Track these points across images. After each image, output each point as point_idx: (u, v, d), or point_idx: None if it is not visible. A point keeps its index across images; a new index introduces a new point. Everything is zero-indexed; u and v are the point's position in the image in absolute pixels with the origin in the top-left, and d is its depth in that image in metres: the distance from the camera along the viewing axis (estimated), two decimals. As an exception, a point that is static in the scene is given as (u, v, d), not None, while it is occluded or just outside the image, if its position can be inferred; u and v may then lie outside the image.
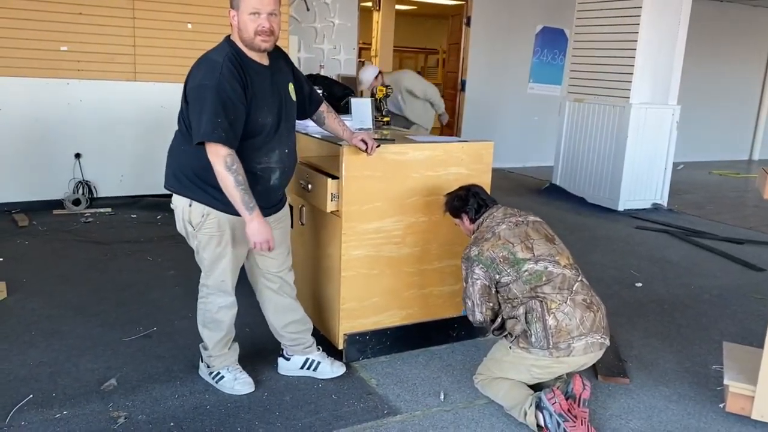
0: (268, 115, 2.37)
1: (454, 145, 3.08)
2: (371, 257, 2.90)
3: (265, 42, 2.32)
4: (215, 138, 2.21)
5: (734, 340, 3.30)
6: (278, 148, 2.44)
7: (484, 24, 8.35)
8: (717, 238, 5.51)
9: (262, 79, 2.36)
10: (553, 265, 2.52)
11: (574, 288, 2.50)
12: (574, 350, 2.42)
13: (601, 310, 2.55)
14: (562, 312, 2.43)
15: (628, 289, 4.14)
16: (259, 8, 2.27)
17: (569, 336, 2.42)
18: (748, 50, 10.64)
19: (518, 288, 2.50)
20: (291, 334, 2.75)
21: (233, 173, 2.23)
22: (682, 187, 7.76)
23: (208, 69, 2.27)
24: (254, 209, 2.29)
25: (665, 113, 6.37)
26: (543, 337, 2.42)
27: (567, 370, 2.49)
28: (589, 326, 2.45)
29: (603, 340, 2.50)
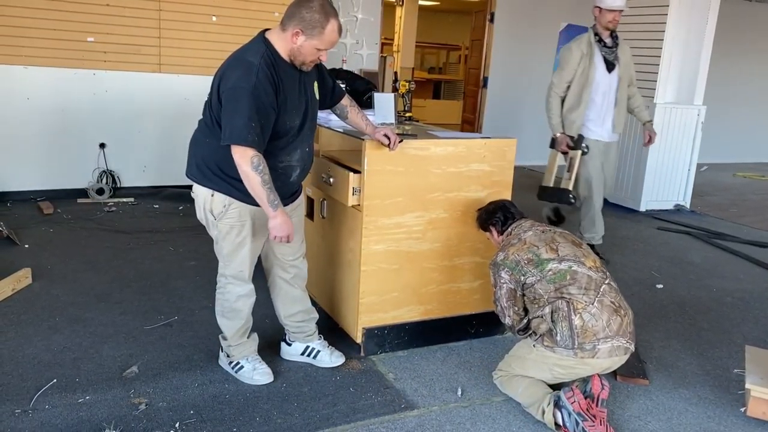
0: (296, 117, 2.40)
1: (476, 142, 3.07)
2: (391, 252, 2.91)
3: (310, 67, 2.41)
4: (247, 143, 2.23)
5: (756, 343, 3.26)
6: (300, 147, 2.48)
7: (508, 20, 8.29)
8: (740, 240, 5.44)
9: (292, 81, 2.38)
10: (578, 265, 2.52)
11: (602, 290, 2.49)
12: (599, 352, 2.41)
13: (629, 315, 2.54)
14: (589, 313, 2.42)
15: (648, 290, 4.11)
16: (328, 48, 2.34)
17: (595, 337, 2.41)
18: (775, 50, 10.45)
19: (543, 288, 2.51)
20: (295, 323, 2.81)
21: (260, 173, 2.26)
22: (706, 189, 7.66)
23: (244, 71, 2.26)
24: (278, 206, 2.33)
25: (690, 113, 6.28)
26: (569, 336, 2.42)
27: (590, 372, 2.47)
28: (615, 329, 2.44)
29: (628, 345, 2.49)
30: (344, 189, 2.80)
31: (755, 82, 10.36)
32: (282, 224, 2.35)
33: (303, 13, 2.26)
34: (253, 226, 2.48)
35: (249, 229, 2.47)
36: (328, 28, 2.28)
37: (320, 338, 2.87)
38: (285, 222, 2.36)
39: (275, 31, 2.36)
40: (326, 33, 2.29)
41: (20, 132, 5.33)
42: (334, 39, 2.32)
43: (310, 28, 2.27)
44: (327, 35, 2.29)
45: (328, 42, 2.31)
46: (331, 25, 2.29)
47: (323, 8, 2.27)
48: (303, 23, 2.27)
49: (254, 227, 2.49)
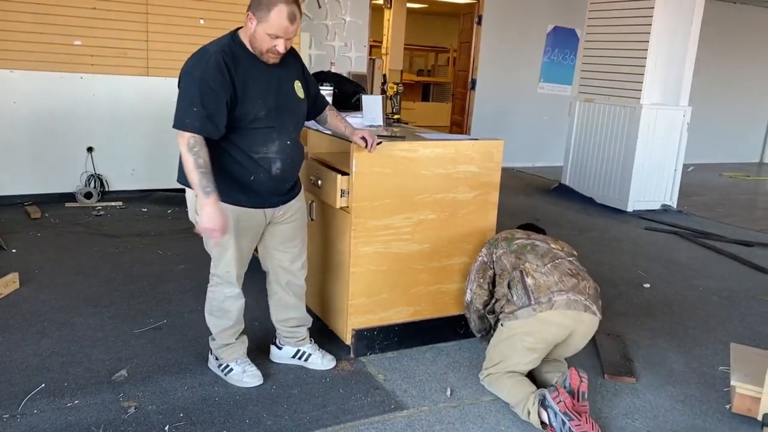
0: (261, 107, 2.38)
1: (464, 144, 3.09)
2: (380, 253, 2.92)
3: (273, 59, 2.38)
4: (185, 127, 2.25)
5: (742, 341, 3.30)
6: (278, 139, 2.44)
7: (496, 23, 8.35)
8: (726, 240, 5.50)
9: (258, 71, 2.38)
10: (543, 242, 2.77)
11: (559, 261, 2.65)
12: (555, 303, 2.51)
13: (589, 282, 2.64)
14: (540, 272, 2.60)
15: (636, 289, 4.14)
16: (281, 35, 2.30)
17: (549, 291, 2.54)
18: (760, 52, 10.57)
19: (507, 259, 2.74)
20: (288, 328, 2.81)
21: (194, 155, 2.25)
22: (692, 189, 7.73)
23: (197, 59, 2.31)
24: (211, 194, 2.27)
25: (676, 114, 6.35)
26: (524, 294, 2.57)
27: (557, 332, 2.54)
28: (570, 286, 2.55)
29: (588, 303, 2.55)
30: (333, 191, 2.81)
31: (740, 83, 10.48)
32: (211, 214, 2.26)
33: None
34: (237, 228, 2.47)
35: (232, 230, 2.47)
36: (275, 11, 2.22)
37: (311, 342, 2.87)
38: (215, 213, 2.26)
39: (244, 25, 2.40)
40: (272, 16, 2.23)
41: (7, 136, 5.30)
42: (282, 25, 2.25)
43: (259, 10, 2.26)
44: (273, 19, 2.23)
45: (276, 27, 2.25)
46: (279, 8, 2.22)
47: None
48: (255, 6, 2.28)
49: (238, 229, 2.47)
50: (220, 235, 2.33)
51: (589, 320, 2.57)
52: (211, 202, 2.27)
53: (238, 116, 2.35)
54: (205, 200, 2.27)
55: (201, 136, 2.27)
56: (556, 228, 5.48)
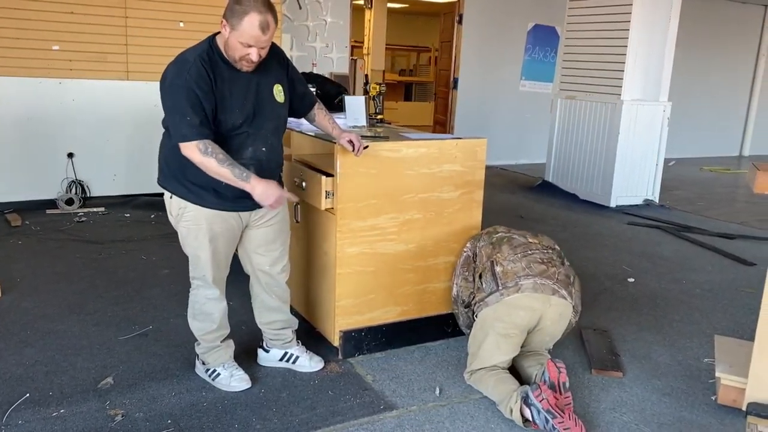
0: (239, 115, 2.36)
1: (448, 143, 3.10)
2: (366, 254, 2.91)
3: (248, 68, 2.36)
4: (187, 139, 2.25)
5: (726, 333, 3.34)
6: (252, 145, 2.42)
7: (476, 22, 8.38)
8: (708, 233, 5.56)
9: (235, 79, 2.36)
10: (521, 236, 2.84)
11: (532, 251, 2.73)
12: (522, 287, 2.59)
13: (559, 269, 2.69)
14: (508, 260, 2.69)
15: (620, 284, 4.18)
16: (253, 43, 2.28)
17: (516, 276, 2.62)
18: (737, 47, 10.72)
19: (485, 250, 2.82)
20: (273, 331, 2.81)
21: (212, 155, 2.24)
22: (674, 183, 7.81)
23: (178, 68, 2.29)
24: (249, 176, 2.28)
25: (656, 110, 6.41)
26: (492, 282, 2.67)
27: (527, 316, 2.59)
28: (537, 271, 2.63)
29: (556, 287, 2.61)
30: (317, 193, 2.80)
31: (719, 78, 10.62)
32: (264, 191, 2.29)
33: (231, 4, 2.26)
34: (210, 231, 2.45)
35: (205, 233, 2.45)
36: (246, 19, 2.21)
37: (298, 344, 2.87)
38: (266, 186, 2.29)
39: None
40: (244, 24, 2.21)
41: (-15, 143, 5.22)
42: (254, 34, 2.23)
43: (232, 17, 2.24)
44: (245, 27, 2.21)
45: (247, 36, 2.23)
46: (251, 17, 2.21)
47: (250, 0, 2.23)
48: (229, 13, 2.26)
49: (212, 232, 2.46)
50: (284, 198, 2.38)
51: (557, 303, 2.61)
52: (255, 181, 2.29)
53: (216, 123, 2.34)
54: (249, 185, 2.29)
55: (206, 139, 2.27)
56: (540, 225, 5.52)
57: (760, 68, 11.03)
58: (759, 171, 2.46)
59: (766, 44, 10.93)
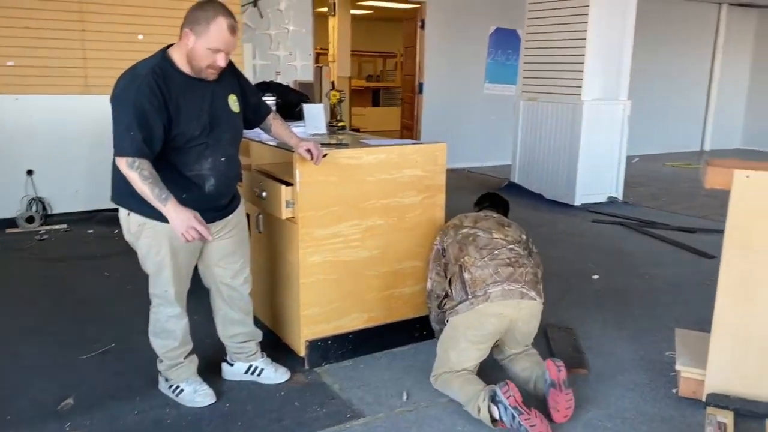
0: (196, 126, 2.35)
1: (408, 148, 3.11)
2: (330, 262, 2.91)
3: (213, 75, 2.35)
4: (125, 152, 2.22)
5: (688, 326, 3.39)
6: (211, 156, 2.41)
7: (438, 26, 8.44)
8: (670, 228, 5.67)
9: (190, 91, 2.35)
10: (486, 233, 2.80)
11: (498, 251, 2.70)
12: (491, 295, 2.57)
13: (526, 268, 2.67)
14: (476, 266, 2.66)
15: (585, 281, 4.23)
16: (222, 48, 2.27)
17: (484, 283, 2.60)
18: (694, 44, 10.98)
19: (452, 249, 2.79)
20: (236, 344, 2.78)
21: (137, 169, 2.21)
22: (637, 180, 7.95)
23: (128, 81, 2.26)
24: (168, 199, 2.22)
25: (616, 109, 6.52)
26: (461, 290, 2.64)
27: (497, 323, 2.58)
28: (505, 276, 2.61)
29: (525, 290, 2.60)
30: (277, 202, 2.79)
31: (678, 75, 10.85)
32: (178, 216, 2.20)
33: (193, 12, 2.26)
34: (172, 246, 2.42)
35: (167, 249, 2.42)
36: (214, 24, 2.22)
37: (263, 356, 2.84)
38: (181, 212, 2.21)
39: (177, 43, 2.36)
40: (212, 30, 2.22)
41: (-61, 163, 5.09)
42: (224, 37, 2.24)
43: (197, 24, 2.24)
44: (213, 32, 2.22)
45: (216, 40, 2.23)
46: (218, 22, 2.22)
47: (213, 6, 2.25)
48: (192, 22, 2.26)
49: (173, 247, 2.43)
50: (202, 229, 2.25)
51: (528, 305, 2.62)
52: (172, 206, 2.23)
53: (173, 137, 2.32)
54: (166, 208, 2.22)
55: (143, 158, 2.24)
56: (507, 226, 5.55)
57: (716, 64, 11.30)
58: (709, 167, 2.52)
59: (722, 41, 11.21)
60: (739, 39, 11.47)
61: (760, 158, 10.71)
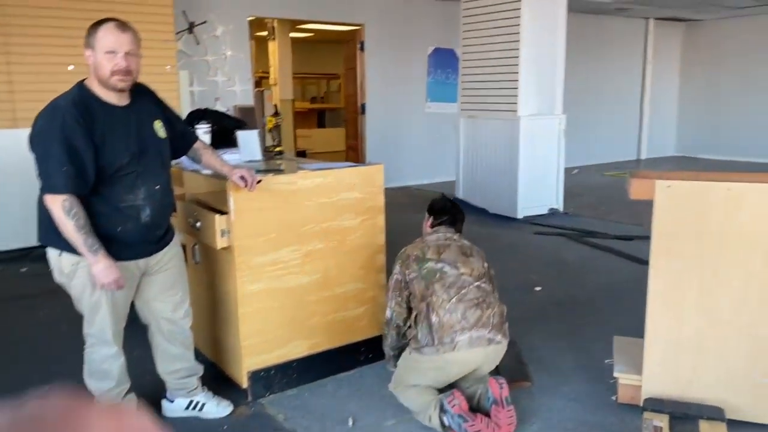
0: (124, 154, 2.31)
1: (345, 171, 3.12)
2: (270, 290, 2.87)
3: (123, 81, 2.29)
4: (56, 189, 2.17)
5: (628, 333, 3.46)
6: (144, 185, 2.37)
7: (378, 48, 8.53)
8: (609, 236, 5.83)
9: (115, 118, 2.31)
10: (452, 268, 2.68)
11: (466, 289, 2.64)
12: (458, 344, 2.55)
13: (494, 309, 2.66)
14: (444, 309, 2.59)
15: (528, 293, 4.30)
16: (115, 47, 2.23)
17: (452, 330, 2.56)
18: (626, 58, 11.42)
19: (417, 285, 2.69)
20: (176, 380, 2.71)
21: (73, 218, 2.17)
22: (577, 191, 8.16)
23: (49, 115, 2.22)
24: (99, 251, 2.22)
25: (552, 123, 6.71)
26: (428, 334, 2.58)
27: (462, 369, 2.61)
28: (473, 321, 2.58)
29: (492, 335, 2.60)
30: (212, 232, 2.74)
31: (611, 87, 11.26)
32: (105, 270, 2.23)
33: (85, 36, 2.28)
34: None
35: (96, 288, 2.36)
36: (101, 29, 2.24)
37: (204, 390, 2.78)
38: (108, 267, 2.24)
39: None
40: (99, 34, 2.23)
41: None
42: (113, 36, 2.23)
43: (88, 38, 2.26)
44: (101, 35, 2.23)
45: (108, 40, 2.23)
46: (105, 25, 2.24)
47: (100, 21, 2.28)
48: (86, 41, 2.27)
49: None
50: (122, 282, 2.29)
51: (494, 350, 2.63)
52: (102, 257, 2.23)
53: (101, 167, 2.27)
54: (94, 258, 2.22)
55: (74, 196, 2.19)
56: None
57: (647, 76, 11.77)
58: (632, 179, 2.61)
59: (651, 54, 11.69)
60: (666, 51, 11.99)
61: (693, 165, 11.17)
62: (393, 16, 8.57)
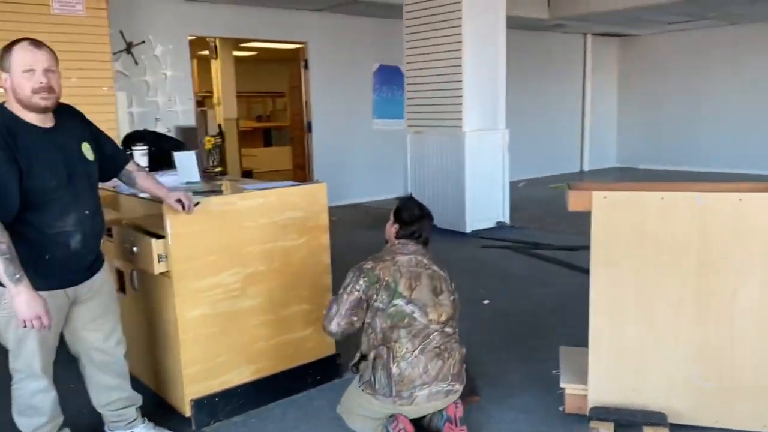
0: (52, 178, 2.21)
1: (287, 190, 3.07)
2: (211, 315, 2.79)
3: (45, 100, 2.19)
4: None
5: (574, 343, 3.49)
6: (74, 210, 2.27)
7: (322, 66, 8.53)
8: (554, 247, 5.93)
9: (40, 141, 2.21)
10: (421, 314, 2.55)
11: (431, 337, 2.55)
12: (416, 399, 2.51)
13: (454, 357, 2.60)
14: (406, 361, 2.51)
15: (476, 307, 4.32)
16: (32, 65, 2.15)
17: (412, 385, 2.50)
18: (566, 72, 11.76)
19: (382, 321, 2.54)
20: (114, 412, 2.59)
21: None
22: (524, 204, 8.30)
23: None
24: (21, 281, 2.09)
25: (496, 137, 6.81)
26: (386, 384, 2.51)
27: (413, 415, 2.57)
28: (434, 375, 2.53)
29: (450, 387, 2.57)
30: (149, 257, 2.65)
31: (555, 102, 11.56)
32: (28, 302, 2.09)
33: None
34: None
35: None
36: (15, 49, 2.17)
37: (144, 421, 2.66)
38: (32, 299, 2.10)
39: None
40: (14, 54, 2.17)
41: None
42: (29, 54, 2.16)
43: (3, 62, 2.18)
44: (16, 56, 2.16)
45: (24, 59, 2.16)
46: (18, 45, 2.18)
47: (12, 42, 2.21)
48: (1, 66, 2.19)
49: None
50: (45, 321, 2.14)
51: (449, 399, 2.61)
52: (24, 288, 2.09)
53: (27, 191, 2.16)
54: (16, 289, 2.08)
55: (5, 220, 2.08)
56: (401, 258, 5.60)
57: (587, 90, 12.13)
58: (570, 191, 2.65)
59: (590, 68, 12.06)
60: (604, 66, 12.40)
61: (633, 175, 11.53)
62: (336, 34, 8.59)
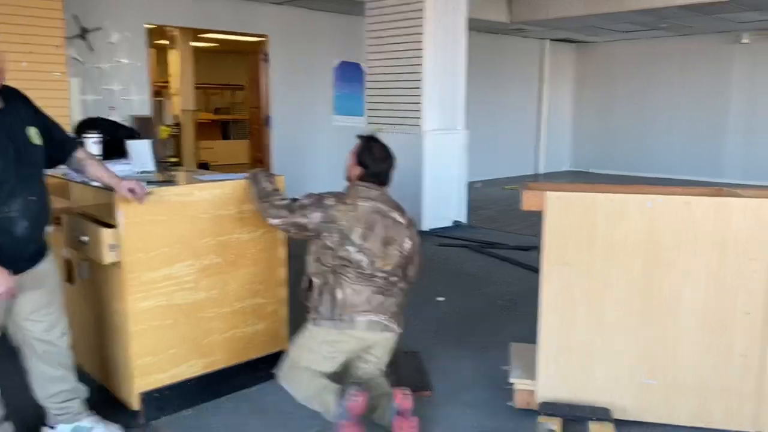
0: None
1: (243, 182, 3.04)
2: (162, 307, 2.75)
3: None
4: None
5: (524, 340, 3.56)
6: (19, 195, 2.21)
7: (282, 60, 8.45)
8: (508, 247, 6.04)
9: None
10: (369, 263, 2.70)
11: (375, 278, 2.71)
12: (356, 324, 2.66)
13: (396, 299, 2.77)
14: (351, 288, 2.66)
15: (431, 305, 4.37)
16: None
17: (353, 310, 2.65)
18: (524, 76, 11.95)
19: (330, 257, 2.69)
20: (57, 404, 2.53)
21: None
22: (480, 204, 8.41)
23: None
24: None
25: (454, 138, 6.88)
26: (329, 308, 2.66)
27: (354, 346, 2.70)
28: (375, 306, 2.68)
29: (388, 323, 2.72)
30: (99, 246, 2.59)
31: (513, 105, 11.74)
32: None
33: None
34: None
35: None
36: None
37: (90, 414, 2.60)
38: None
39: None
40: None
41: None
42: None
43: None
44: None
45: None
46: None
47: None
48: None
49: None
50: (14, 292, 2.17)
51: (387, 337, 2.75)
52: None
53: None
54: None
55: None
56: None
57: (544, 94, 12.35)
58: (524, 191, 2.71)
59: (547, 73, 12.29)
60: (561, 71, 12.65)
61: (585, 179, 11.81)
62: (297, 28, 8.53)
